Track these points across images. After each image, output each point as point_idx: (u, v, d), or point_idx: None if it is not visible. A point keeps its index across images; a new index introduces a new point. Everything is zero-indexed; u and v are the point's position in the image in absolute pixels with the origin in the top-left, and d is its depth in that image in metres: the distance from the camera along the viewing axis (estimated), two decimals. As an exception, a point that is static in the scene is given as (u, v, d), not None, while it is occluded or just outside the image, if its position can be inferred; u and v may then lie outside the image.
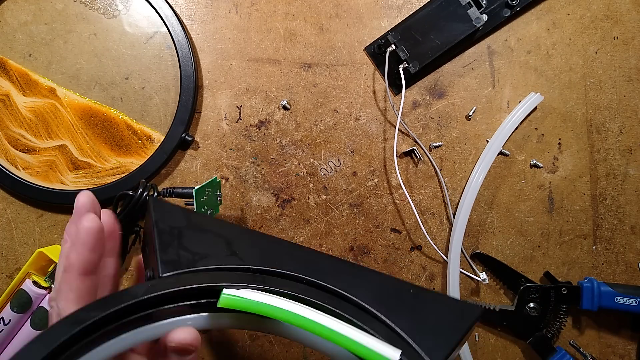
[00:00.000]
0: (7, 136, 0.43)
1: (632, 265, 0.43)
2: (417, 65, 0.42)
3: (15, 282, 0.41)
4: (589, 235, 0.43)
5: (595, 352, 0.43)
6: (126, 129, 0.43)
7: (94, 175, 0.43)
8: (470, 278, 0.43)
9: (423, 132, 0.44)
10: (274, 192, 0.44)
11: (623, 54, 0.44)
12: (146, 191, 0.38)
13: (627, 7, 0.44)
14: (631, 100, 0.44)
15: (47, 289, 0.41)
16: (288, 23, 0.44)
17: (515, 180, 0.44)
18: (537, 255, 0.43)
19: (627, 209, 0.43)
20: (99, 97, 0.43)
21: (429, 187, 0.44)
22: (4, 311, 0.41)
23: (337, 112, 0.44)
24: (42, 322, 0.40)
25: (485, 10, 0.43)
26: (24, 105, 0.43)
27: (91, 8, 0.44)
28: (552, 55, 0.44)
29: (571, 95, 0.44)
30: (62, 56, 0.43)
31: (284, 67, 0.44)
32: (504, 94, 0.44)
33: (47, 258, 0.41)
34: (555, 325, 0.41)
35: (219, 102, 0.44)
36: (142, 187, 0.39)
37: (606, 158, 0.44)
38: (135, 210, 0.38)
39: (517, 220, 0.44)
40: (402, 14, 0.44)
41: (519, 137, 0.44)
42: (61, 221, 0.44)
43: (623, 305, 0.40)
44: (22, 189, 0.42)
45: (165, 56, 0.43)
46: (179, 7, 0.44)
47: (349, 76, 0.44)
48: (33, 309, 0.41)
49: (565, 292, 0.41)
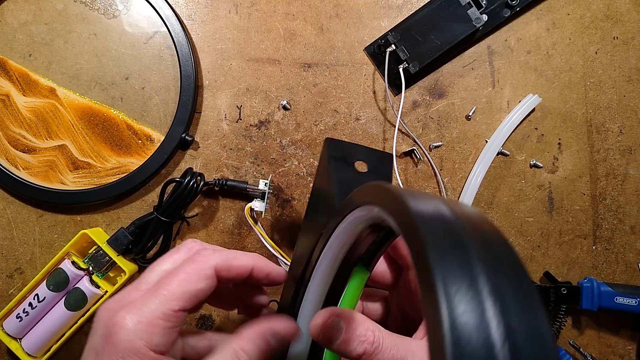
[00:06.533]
0: (7, 136, 0.43)
1: (632, 265, 0.43)
2: (417, 65, 0.42)
3: (55, 260, 0.41)
4: (589, 235, 0.43)
5: (595, 352, 0.43)
6: (126, 129, 0.43)
7: (94, 175, 0.43)
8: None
9: (423, 132, 0.44)
10: (274, 192, 0.44)
11: (623, 54, 0.44)
12: (194, 179, 0.39)
13: (627, 7, 0.44)
14: (631, 100, 0.44)
15: (85, 271, 0.41)
16: (288, 23, 0.44)
17: (515, 180, 0.44)
18: (537, 255, 0.44)
19: (627, 209, 0.43)
20: (99, 97, 0.43)
21: (428, 187, 0.44)
22: (39, 287, 0.41)
23: (337, 112, 0.44)
24: (76, 304, 0.41)
25: (485, 10, 0.43)
26: (24, 105, 0.43)
27: (91, 8, 0.44)
28: (552, 55, 0.44)
29: (571, 95, 0.44)
30: (62, 56, 0.43)
31: (284, 67, 0.44)
32: (503, 94, 0.44)
33: (89, 239, 0.42)
34: (555, 325, 0.42)
35: (219, 102, 0.44)
36: (190, 174, 0.40)
37: (606, 158, 0.44)
38: (183, 196, 0.40)
39: (517, 220, 0.44)
40: (402, 14, 0.44)
41: (519, 137, 0.44)
42: (61, 221, 0.44)
43: (623, 305, 0.40)
44: (22, 189, 0.42)
45: (165, 56, 0.43)
46: (179, 7, 0.44)
47: (349, 76, 0.44)
48: (68, 289, 0.41)
49: (565, 292, 0.41)
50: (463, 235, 0.15)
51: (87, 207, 0.44)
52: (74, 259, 0.41)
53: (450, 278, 0.13)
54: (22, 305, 0.41)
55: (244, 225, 0.44)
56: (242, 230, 0.44)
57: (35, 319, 0.41)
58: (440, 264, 0.14)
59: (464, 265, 0.14)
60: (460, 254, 0.14)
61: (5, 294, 0.44)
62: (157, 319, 0.25)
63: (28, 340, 0.41)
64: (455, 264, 0.14)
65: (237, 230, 0.44)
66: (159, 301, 0.25)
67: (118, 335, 0.25)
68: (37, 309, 0.40)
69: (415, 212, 0.15)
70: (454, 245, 0.15)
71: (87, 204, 0.43)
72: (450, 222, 0.15)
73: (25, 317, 0.40)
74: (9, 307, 0.41)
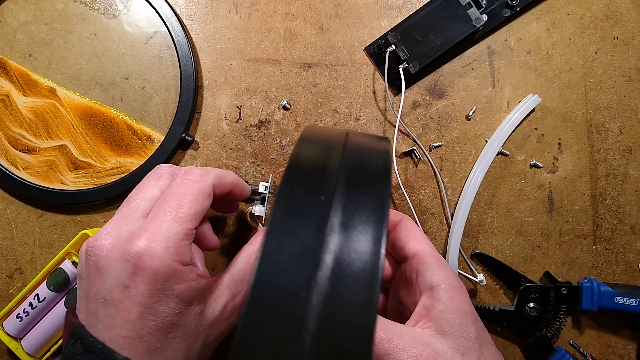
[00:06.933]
0: (7, 136, 0.43)
1: (632, 265, 0.43)
2: (417, 65, 0.42)
3: (55, 261, 0.41)
4: (588, 235, 0.43)
5: (595, 352, 0.43)
6: (126, 129, 0.43)
7: (94, 175, 0.43)
8: (468, 279, 0.43)
9: (423, 132, 0.44)
10: (274, 192, 0.44)
11: (623, 54, 0.44)
12: None
13: (627, 7, 0.44)
14: (631, 100, 0.44)
15: None
16: (288, 23, 0.44)
17: (515, 180, 0.44)
18: (537, 255, 0.44)
19: (627, 209, 0.43)
20: (99, 97, 0.43)
21: (428, 187, 0.44)
22: (39, 288, 0.41)
23: (337, 112, 0.44)
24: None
25: (485, 10, 0.43)
26: (24, 105, 0.43)
27: (91, 8, 0.44)
28: (552, 55, 0.44)
29: (571, 95, 0.44)
30: (62, 56, 0.43)
31: (284, 67, 0.44)
32: (503, 94, 0.44)
33: None
34: (555, 325, 0.42)
35: (219, 102, 0.44)
36: None
37: (606, 158, 0.44)
38: None
39: (517, 220, 0.44)
40: (402, 14, 0.44)
41: (519, 137, 0.44)
42: (61, 221, 0.44)
43: (623, 305, 0.40)
44: (22, 189, 0.42)
45: (165, 56, 0.43)
46: (179, 7, 0.44)
47: (349, 76, 0.44)
48: (69, 290, 0.41)
49: (565, 292, 0.41)
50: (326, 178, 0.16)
51: (87, 207, 0.44)
52: (74, 259, 0.41)
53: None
54: (22, 305, 0.41)
55: (245, 227, 0.44)
56: (244, 232, 0.44)
57: (35, 319, 0.41)
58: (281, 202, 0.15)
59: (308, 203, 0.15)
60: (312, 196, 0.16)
61: (5, 294, 0.44)
62: (181, 240, 0.27)
63: (28, 340, 0.41)
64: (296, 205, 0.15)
65: (238, 232, 0.44)
66: (178, 223, 0.27)
67: (151, 263, 0.26)
68: (37, 309, 0.40)
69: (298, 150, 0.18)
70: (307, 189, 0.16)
71: (87, 204, 0.43)
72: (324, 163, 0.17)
73: (26, 317, 0.40)
74: (9, 307, 0.41)
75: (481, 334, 0.29)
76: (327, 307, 0.13)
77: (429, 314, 0.29)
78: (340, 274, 0.13)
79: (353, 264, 0.13)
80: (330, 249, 0.14)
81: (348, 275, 0.13)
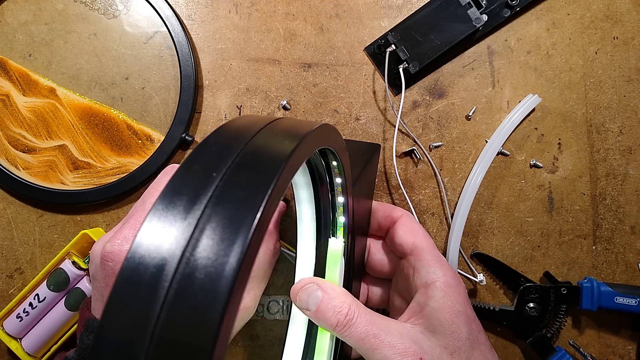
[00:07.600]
0: (7, 136, 0.43)
1: (632, 265, 0.43)
2: (417, 65, 0.42)
3: (55, 261, 0.41)
4: (588, 235, 0.43)
5: (595, 352, 0.43)
6: (126, 129, 0.43)
7: (94, 175, 0.43)
8: (468, 279, 0.43)
9: (423, 132, 0.44)
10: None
11: (623, 54, 0.44)
12: None
13: (627, 7, 0.44)
14: (631, 100, 0.44)
15: (85, 271, 0.41)
16: (288, 23, 0.44)
17: (515, 180, 0.44)
18: (537, 255, 0.44)
19: (627, 209, 0.43)
20: (99, 97, 0.43)
21: (428, 187, 0.44)
22: (40, 287, 0.41)
23: (337, 112, 0.44)
24: (77, 304, 0.41)
25: (485, 10, 0.43)
26: (24, 105, 0.43)
27: (91, 8, 0.44)
28: (552, 55, 0.44)
29: (571, 95, 0.44)
30: (62, 56, 0.43)
31: (284, 67, 0.44)
32: (503, 94, 0.44)
33: (89, 239, 0.42)
34: (555, 325, 0.42)
35: (219, 102, 0.44)
36: None
37: (606, 158, 0.44)
38: None
39: (517, 220, 0.44)
40: (402, 14, 0.44)
41: (519, 137, 0.44)
42: (61, 221, 0.44)
43: (623, 305, 0.40)
44: (22, 189, 0.42)
45: (165, 56, 0.43)
46: (179, 7, 0.44)
47: (349, 76, 0.44)
48: (69, 289, 0.41)
49: (565, 292, 0.41)
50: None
51: (87, 207, 0.44)
52: (74, 259, 0.42)
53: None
54: (22, 305, 0.41)
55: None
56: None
57: (35, 319, 0.41)
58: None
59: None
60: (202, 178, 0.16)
61: (5, 294, 0.44)
62: None
63: (28, 340, 0.41)
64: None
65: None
66: None
67: None
68: (37, 309, 0.40)
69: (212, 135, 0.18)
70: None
71: (87, 204, 0.43)
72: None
73: (26, 317, 0.40)
74: (9, 307, 0.41)
75: (474, 334, 0.29)
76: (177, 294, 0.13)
77: (422, 311, 0.29)
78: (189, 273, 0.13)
79: (200, 265, 0.14)
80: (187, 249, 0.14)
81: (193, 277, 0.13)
